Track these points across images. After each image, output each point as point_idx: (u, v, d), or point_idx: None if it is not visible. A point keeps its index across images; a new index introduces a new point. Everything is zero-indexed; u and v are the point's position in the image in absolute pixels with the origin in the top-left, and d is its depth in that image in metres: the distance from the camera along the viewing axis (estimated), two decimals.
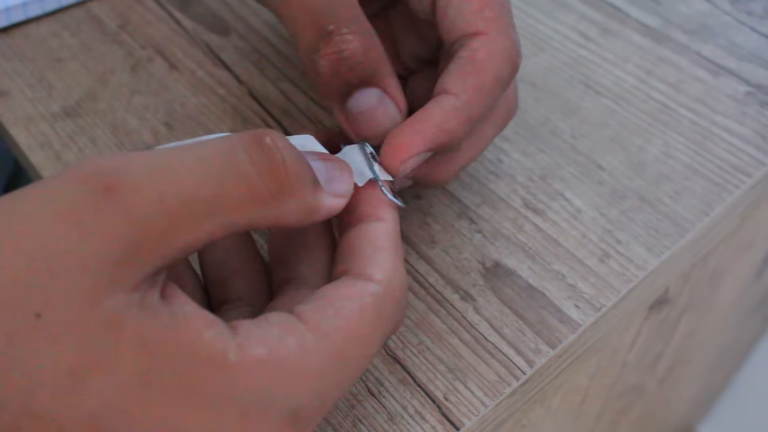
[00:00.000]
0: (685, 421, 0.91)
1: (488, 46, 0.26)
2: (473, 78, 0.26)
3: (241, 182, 0.19)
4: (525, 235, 0.32)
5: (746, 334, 0.76)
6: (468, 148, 0.29)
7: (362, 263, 0.22)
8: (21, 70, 0.38)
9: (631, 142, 0.36)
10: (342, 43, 0.25)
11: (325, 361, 0.20)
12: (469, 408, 0.27)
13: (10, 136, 0.36)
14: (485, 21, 0.26)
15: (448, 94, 0.26)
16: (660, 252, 0.32)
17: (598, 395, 0.45)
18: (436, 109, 0.26)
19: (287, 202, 0.20)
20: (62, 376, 0.17)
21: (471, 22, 0.26)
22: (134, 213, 0.18)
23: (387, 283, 0.22)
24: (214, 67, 0.39)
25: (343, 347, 0.21)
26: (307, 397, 0.20)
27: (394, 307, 0.22)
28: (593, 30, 0.41)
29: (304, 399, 0.20)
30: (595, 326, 0.30)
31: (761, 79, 0.39)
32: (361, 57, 0.25)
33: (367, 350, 0.21)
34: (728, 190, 0.34)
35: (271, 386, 0.19)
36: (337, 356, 0.20)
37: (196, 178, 0.19)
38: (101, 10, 0.42)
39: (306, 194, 0.21)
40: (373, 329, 0.21)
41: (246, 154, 0.20)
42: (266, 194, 0.20)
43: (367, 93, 0.26)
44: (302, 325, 0.20)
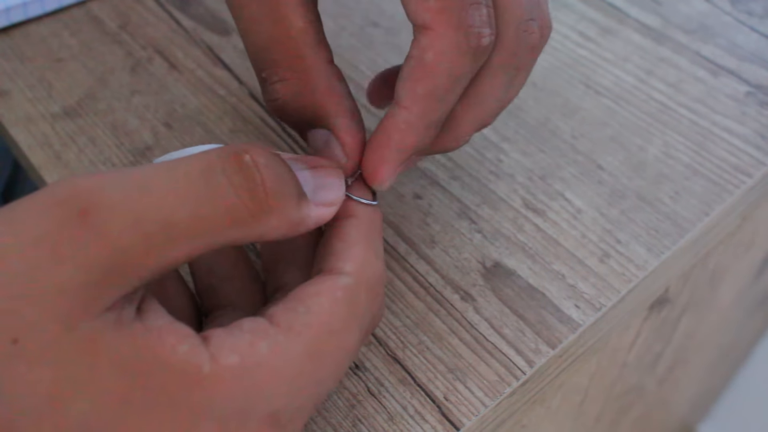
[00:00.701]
0: (685, 421, 0.91)
1: (436, 45, 0.22)
2: (423, 85, 0.23)
3: (219, 204, 0.19)
4: (525, 235, 0.32)
5: (746, 334, 0.76)
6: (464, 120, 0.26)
7: (334, 259, 0.22)
8: (21, 70, 0.38)
9: (631, 142, 0.36)
10: (273, 92, 0.24)
11: (299, 360, 0.20)
12: (469, 408, 0.27)
13: (10, 136, 0.36)
14: (431, 12, 0.22)
15: (400, 108, 0.24)
16: (660, 252, 0.32)
17: (598, 395, 0.45)
18: (391, 127, 0.24)
19: (269, 221, 0.20)
20: (42, 402, 0.17)
21: (417, 13, 0.22)
22: (110, 238, 0.18)
23: (358, 275, 0.22)
24: (214, 67, 0.39)
25: (317, 344, 0.20)
26: (285, 399, 0.20)
27: (369, 297, 0.22)
28: (593, 30, 0.41)
29: (281, 401, 0.20)
30: (595, 326, 0.30)
31: (761, 79, 0.39)
32: (296, 104, 0.24)
33: (343, 343, 0.21)
34: (728, 190, 0.34)
35: (247, 393, 0.19)
36: (312, 353, 0.20)
37: (174, 201, 0.18)
38: (101, 10, 0.42)
39: (289, 210, 0.20)
40: (348, 321, 0.21)
41: (224, 174, 0.19)
42: (246, 214, 0.19)
43: (317, 134, 0.25)
44: (273, 327, 0.20)
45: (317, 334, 0.20)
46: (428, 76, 0.23)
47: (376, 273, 0.23)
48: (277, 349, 0.20)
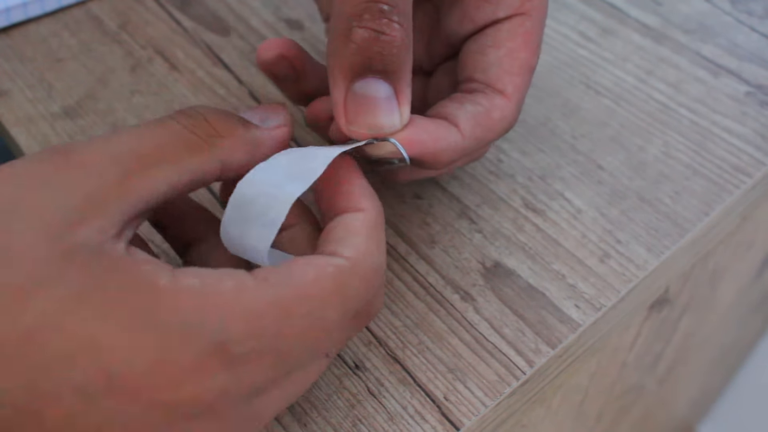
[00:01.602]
0: (685, 421, 0.91)
1: (505, 111, 0.28)
2: (481, 130, 0.27)
3: (175, 138, 0.22)
4: (525, 235, 0.32)
5: (746, 334, 0.76)
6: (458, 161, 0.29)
7: (334, 245, 0.23)
8: (21, 70, 0.38)
9: (631, 142, 0.36)
10: (386, 26, 0.24)
11: (262, 304, 0.20)
12: (469, 408, 0.27)
13: (10, 136, 0.36)
14: (513, 87, 0.28)
15: (458, 130, 0.27)
16: (660, 252, 0.32)
17: (598, 395, 0.45)
18: (445, 136, 0.26)
19: (222, 143, 0.23)
20: (7, 296, 0.18)
21: (502, 80, 0.28)
22: (89, 166, 0.20)
23: (356, 261, 0.22)
24: (214, 67, 0.39)
25: (287, 301, 0.20)
26: (237, 333, 0.19)
27: (363, 285, 0.22)
28: (593, 30, 0.41)
29: (233, 334, 0.19)
30: (595, 326, 0.30)
31: (761, 79, 0.39)
32: (394, 49, 0.24)
33: (319, 315, 0.21)
34: (728, 190, 0.34)
35: (197, 312, 0.19)
36: (279, 306, 0.20)
37: (140, 140, 0.22)
38: (101, 10, 0.42)
39: (238, 132, 0.24)
40: (330, 296, 0.21)
41: (175, 120, 0.23)
42: (199, 142, 0.23)
43: (380, 84, 0.25)
44: (248, 274, 0.21)
45: (290, 293, 0.20)
46: (488, 127, 0.27)
47: (374, 264, 0.23)
48: (242, 287, 0.20)
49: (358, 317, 0.23)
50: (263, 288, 0.20)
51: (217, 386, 0.19)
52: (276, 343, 0.20)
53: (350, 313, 0.22)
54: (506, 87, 0.28)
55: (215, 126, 0.24)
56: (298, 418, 0.27)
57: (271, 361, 0.20)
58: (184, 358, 0.19)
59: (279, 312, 0.20)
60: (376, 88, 0.25)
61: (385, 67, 0.24)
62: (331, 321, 0.21)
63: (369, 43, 0.24)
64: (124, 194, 0.21)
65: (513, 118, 0.28)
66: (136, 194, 0.21)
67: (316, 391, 0.27)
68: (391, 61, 0.24)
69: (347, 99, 0.25)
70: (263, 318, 0.20)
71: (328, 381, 0.28)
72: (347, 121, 0.25)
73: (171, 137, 0.23)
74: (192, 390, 0.19)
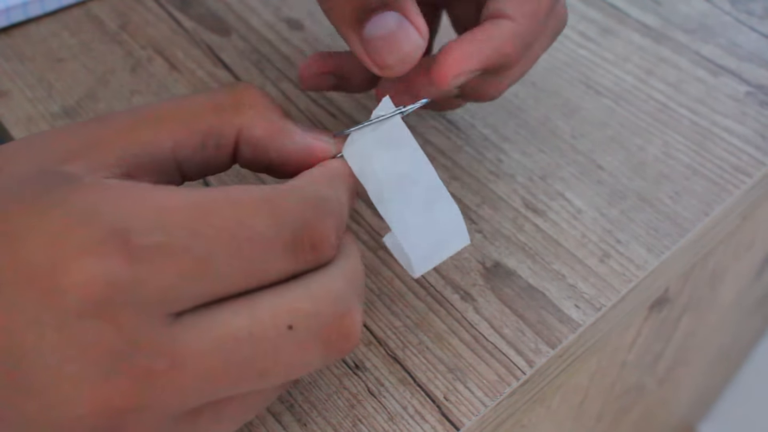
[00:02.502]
0: (685, 421, 0.91)
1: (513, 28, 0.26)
2: (529, 5, 0.26)
3: (196, 102, 0.23)
4: (525, 235, 0.32)
5: (746, 334, 0.76)
6: (519, 66, 0.28)
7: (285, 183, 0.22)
8: (21, 70, 0.38)
9: (631, 142, 0.36)
10: None
11: (176, 200, 0.19)
12: (469, 408, 0.27)
13: (10, 136, 0.36)
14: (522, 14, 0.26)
15: (507, 19, 0.26)
16: (660, 252, 0.32)
17: (598, 395, 0.45)
18: (495, 30, 0.26)
19: (244, 112, 0.23)
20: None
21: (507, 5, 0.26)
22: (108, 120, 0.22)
23: (295, 184, 0.21)
24: (214, 67, 0.39)
25: (206, 200, 0.19)
26: (141, 223, 0.18)
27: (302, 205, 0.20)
28: (593, 30, 0.41)
29: (135, 223, 0.18)
30: (595, 326, 0.30)
31: (761, 79, 0.39)
32: None
33: (245, 220, 0.19)
34: (728, 190, 0.34)
35: (102, 201, 0.18)
36: (196, 204, 0.19)
37: (164, 102, 0.23)
38: (101, 10, 0.42)
39: (266, 109, 0.23)
40: (259, 203, 0.19)
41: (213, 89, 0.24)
42: (220, 106, 0.23)
43: (386, 16, 0.24)
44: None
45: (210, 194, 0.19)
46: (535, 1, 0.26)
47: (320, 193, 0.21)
48: (161, 188, 0.19)
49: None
50: (182, 190, 0.19)
51: (110, 274, 0.17)
52: (191, 244, 0.18)
53: (286, 232, 0.20)
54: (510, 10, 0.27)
55: (243, 96, 0.23)
56: (298, 418, 0.27)
57: (186, 267, 0.18)
58: (80, 240, 0.17)
59: (194, 209, 0.19)
60: (383, 23, 0.24)
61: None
62: (261, 233, 0.19)
63: None
64: (123, 142, 0.21)
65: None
66: (137, 143, 0.21)
67: (316, 391, 0.27)
68: None
69: (365, 47, 0.25)
70: (175, 212, 0.18)
71: (328, 381, 0.28)
72: (379, 68, 0.25)
73: (193, 101, 0.23)
74: (81, 274, 0.17)
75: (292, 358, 0.19)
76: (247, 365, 0.19)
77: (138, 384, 0.17)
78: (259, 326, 0.19)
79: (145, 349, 0.17)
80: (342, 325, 0.20)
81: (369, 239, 0.32)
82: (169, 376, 0.18)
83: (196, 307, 0.18)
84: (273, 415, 0.27)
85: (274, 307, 0.19)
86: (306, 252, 0.20)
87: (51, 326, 0.17)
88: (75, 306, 0.17)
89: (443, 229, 0.24)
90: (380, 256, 0.31)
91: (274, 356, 0.19)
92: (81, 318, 0.17)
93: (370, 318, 0.29)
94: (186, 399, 0.18)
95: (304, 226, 0.20)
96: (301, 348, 0.19)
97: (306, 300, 0.20)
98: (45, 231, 0.17)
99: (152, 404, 0.18)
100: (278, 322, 0.19)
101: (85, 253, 0.17)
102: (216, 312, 0.19)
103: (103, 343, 0.17)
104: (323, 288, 0.20)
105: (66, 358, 0.17)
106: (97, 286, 0.17)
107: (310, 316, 0.19)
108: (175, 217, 0.18)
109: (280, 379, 0.20)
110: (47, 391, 0.17)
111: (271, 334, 0.19)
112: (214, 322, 0.18)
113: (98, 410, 0.17)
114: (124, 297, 0.17)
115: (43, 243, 0.17)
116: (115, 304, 0.17)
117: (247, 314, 0.19)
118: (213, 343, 0.18)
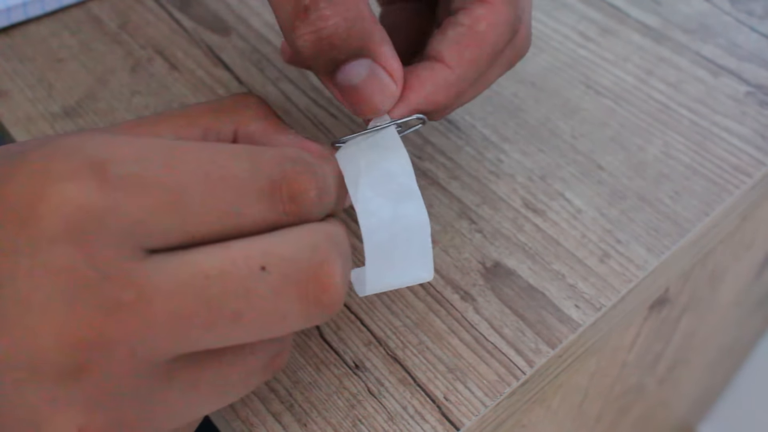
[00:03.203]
0: (685, 421, 0.91)
1: (491, 17, 0.25)
2: (471, 51, 0.25)
3: (199, 105, 0.24)
4: (525, 235, 0.32)
5: (746, 334, 0.76)
6: (470, 90, 0.27)
7: None
8: (21, 70, 0.38)
9: (631, 142, 0.36)
10: (320, 20, 0.23)
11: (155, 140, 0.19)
12: (469, 408, 0.27)
13: (10, 136, 0.36)
14: None
15: (443, 65, 0.25)
16: (660, 252, 0.32)
17: (598, 395, 0.45)
18: (428, 77, 0.25)
19: (240, 112, 0.24)
20: None
21: None
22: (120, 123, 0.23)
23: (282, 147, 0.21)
24: (214, 67, 0.39)
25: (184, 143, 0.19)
26: (117, 154, 0.18)
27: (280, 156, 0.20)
28: (593, 30, 0.41)
29: (112, 154, 0.18)
30: (595, 326, 0.30)
31: (761, 79, 0.39)
32: (343, 33, 0.23)
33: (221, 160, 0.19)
34: (728, 190, 0.34)
35: (82, 137, 0.19)
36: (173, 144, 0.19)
37: (177, 109, 0.24)
38: (101, 10, 0.42)
39: (253, 109, 0.24)
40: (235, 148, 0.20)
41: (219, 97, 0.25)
42: (221, 107, 0.24)
43: (356, 65, 0.24)
44: None
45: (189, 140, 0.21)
46: (477, 44, 0.25)
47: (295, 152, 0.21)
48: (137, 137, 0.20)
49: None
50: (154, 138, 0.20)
51: (83, 198, 0.17)
52: (166, 178, 0.18)
53: (262, 178, 0.20)
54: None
55: (241, 99, 0.25)
56: (298, 418, 0.27)
57: (158, 200, 0.18)
58: (59, 170, 0.18)
59: (173, 148, 0.19)
60: (353, 72, 0.24)
61: (347, 52, 0.23)
62: (235, 175, 0.19)
63: (316, 46, 0.23)
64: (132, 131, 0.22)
65: (506, 21, 0.25)
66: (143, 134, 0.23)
67: (316, 391, 0.27)
68: (347, 44, 0.23)
69: (340, 94, 0.25)
70: (152, 148, 0.19)
71: (328, 381, 0.28)
72: (353, 112, 0.25)
73: (194, 105, 0.24)
74: (56, 198, 0.17)
75: (267, 304, 0.19)
76: (218, 304, 0.18)
77: (104, 314, 0.17)
78: (230, 264, 0.18)
79: (113, 280, 0.17)
80: (318, 274, 0.19)
81: None
82: (136, 309, 0.17)
83: (169, 248, 0.18)
84: (273, 415, 0.27)
85: (247, 248, 0.19)
86: (284, 202, 0.20)
87: (25, 254, 0.17)
88: (48, 231, 0.17)
89: (409, 253, 0.24)
90: None
91: (246, 297, 0.19)
92: (52, 243, 0.17)
93: (370, 318, 0.29)
94: (156, 340, 0.18)
95: (283, 176, 0.20)
96: (275, 293, 0.19)
97: (281, 244, 0.19)
98: (28, 168, 0.18)
99: (119, 339, 0.17)
100: (251, 261, 0.19)
101: (61, 179, 0.17)
102: (188, 252, 0.18)
103: (71, 270, 0.17)
104: (300, 236, 0.20)
105: (35, 286, 0.17)
106: (69, 210, 0.17)
107: (284, 259, 0.19)
108: (152, 151, 0.18)
109: (256, 329, 0.19)
110: (18, 321, 0.17)
111: (243, 273, 0.19)
112: (186, 261, 0.18)
113: (62, 341, 0.17)
114: (95, 225, 0.17)
115: (26, 177, 0.18)
116: (86, 231, 0.17)
117: (220, 254, 0.19)
118: (182, 279, 0.18)
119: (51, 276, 0.17)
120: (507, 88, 0.38)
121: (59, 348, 0.17)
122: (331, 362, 0.28)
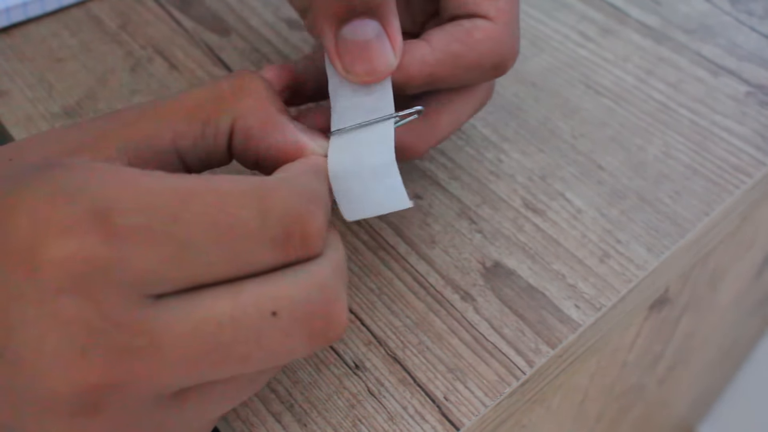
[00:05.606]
0: (685, 421, 0.91)
1: (489, 32, 0.26)
2: (458, 46, 0.25)
3: (198, 94, 0.23)
4: (525, 235, 0.32)
5: (746, 334, 0.76)
6: (443, 125, 0.28)
7: None
8: (21, 70, 0.38)
9: (631, 142, 0.36)
10: None
11: (161, 185, 0.19)
12: (469, 408, 0.27)
13: (10, 136, 0.36)
14: (496, 10, 0.26)
15: (426, 43, 0.25)
16: (660, 252, 0.32)
17: (598, 395, 0.45)
18: (407, 50, 0.25)
19: (239, 104, 0.23)
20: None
21: (482, 6, 0.26)
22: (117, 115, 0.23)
23: (283, 178, 0.21)
24: (214, 67, 0.39)
25: (191, 187, 0.19)
26: (122, 203, 0.18)
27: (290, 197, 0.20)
28: (593, 30, 0.41)
29: (117, 203, 0.18)
30: (595, 326, 0.30)
31: (761, 79, 0.39)
32: None
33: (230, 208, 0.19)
34: (728, 190, 0.34)
35: (84, 179, 0.18)
36: (180, 189, 0.19)
37: (171, 97, 0.23)
38: (101, 10, 0.42)
39: (263, 97, 0.24)
40: (245, 193, 0.19)
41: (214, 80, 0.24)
42: (220, 97, 0.23)
43: (367, 24, 0.24)
44: None
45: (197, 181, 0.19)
46: (467, 45, 0.26)
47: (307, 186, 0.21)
48: (147, 172, 0.19)
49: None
50: (169, 175, 0.19)
51: (88, 251, 0.17)
52: (173, 229, 0.18)
53: (275, 225, 0.19)
54: (488, 11, 0.26)
55: (242, 84, 0.24)
56: (298, 418, 0.27)
57: (165, 252, 0.18)
58: (61, 217, 0.17)
59: (177, 194, 0.18)
60: (364, 29, 0.24)
61: (366, 5, 0.23)
62: (244, 223, 0.19)
63: None
64: (124, 134, 0.22)
65: (502, 39, 0.26)
66: (137, 135, 0.22)
67: (316, 391, 0.27)
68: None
69: (338, 47, 0.24)
70: (158, 195, 0.18)
71: (328, 381, 0.28)
72: (345, 72, 0.25)
73: (194, 93, 0.24)
74: (60, 250, 0.17)
75: (276, 345, 0.19)
76: (228, 350, 0.18)
77: (114, 361, 0.17)
78: (242, 311, 0.19)
79: (122, 327, 0.17)
80: (328, 312, 0.20)
81: (369, 239, 0.32)
82: (146, 354, 0.17)
83: (177, 291, 0.18)
84: (273, 415, 0.27)
85: (258, 293, 0.19)
86: (296, 246, 0.20)
87: (32, 301, 0.17)
88: (53, 282, 0.17)
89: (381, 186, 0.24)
90: (380, 256, 0.31)
91: (256, 342, 0.19)
92: (59, 294, 0.17)
93: (370, 318, 0.29)
94: (166, 380, 0.18)
95: (297, 220, 0.20)
96: (285, 335, 0.19)
97: (292, 287, 0.19)
98: (29, 208, 0.18)
99: (130, 382, 0.18)
100: (262, 307, 0.19)
101: (65, 231, 0.17)
102: (198, 296, 0.18)
103: (80, 320, 0.17)
104: (311, 277, 0.20)
105: (45, 333, 0.17)
106: (74, 263, 0.17)
107: (295, 302, 0.19)
108: (157, 200, 0.18)
109: (264, 365, 0.19)
110: (30, 365, 0.17)
111: (254, 320, 0.19)
112: (195, 305, 0.18)
113: (75, 386, 0.17)
114: (101, 275, 0.17)
115: (27, 219, 0.17)
116: (92, 281, 0.17)
117: (230, 299, 0.19)
118: (193, 325, 0.18)
119: (60, 326, 0.17)
120: (507, 88, 0.38)
121: (72, 392, 0.17)
122: (331, 362, 0.28)
